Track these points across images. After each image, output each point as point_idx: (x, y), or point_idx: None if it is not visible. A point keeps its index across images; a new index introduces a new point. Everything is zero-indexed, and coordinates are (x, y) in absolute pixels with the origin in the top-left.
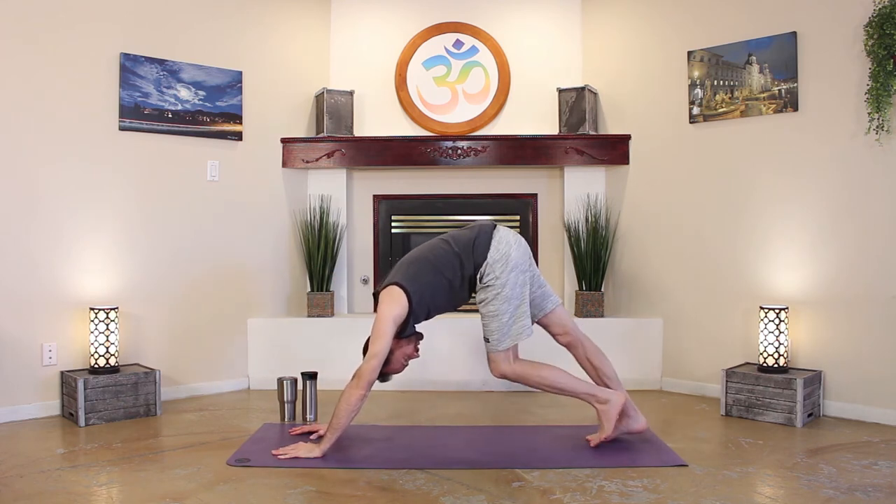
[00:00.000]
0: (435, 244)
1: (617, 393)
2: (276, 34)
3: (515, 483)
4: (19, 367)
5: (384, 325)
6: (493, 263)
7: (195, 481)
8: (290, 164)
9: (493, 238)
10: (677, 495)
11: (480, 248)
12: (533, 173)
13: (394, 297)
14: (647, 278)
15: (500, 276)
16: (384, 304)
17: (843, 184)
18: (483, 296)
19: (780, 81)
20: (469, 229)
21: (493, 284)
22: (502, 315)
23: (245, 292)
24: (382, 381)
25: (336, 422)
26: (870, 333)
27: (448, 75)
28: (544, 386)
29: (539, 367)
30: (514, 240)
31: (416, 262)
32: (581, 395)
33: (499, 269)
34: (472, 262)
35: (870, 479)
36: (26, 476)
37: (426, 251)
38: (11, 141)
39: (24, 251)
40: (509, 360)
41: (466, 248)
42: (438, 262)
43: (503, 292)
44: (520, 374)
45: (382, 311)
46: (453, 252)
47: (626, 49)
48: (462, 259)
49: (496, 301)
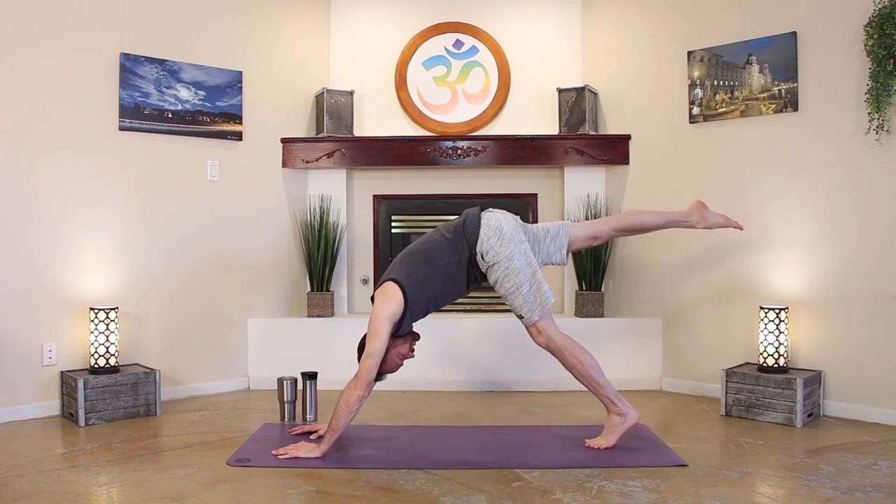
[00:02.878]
0: (426, 237)
1: (635, 411)
2: (276, 34)
3: (515, 483)
4: (19, 367)
5: (380, 323)
6: (487, 240)
7: (195, 481)
8: (290, 164)
9: (483, 218)
10: (677, 495)
11: (471, 228)
12: (533, 173)
13: (388, 294)
14: (647, 278)
15: (501, 251)
16: (379, 302)
17: (844, 184)
18: (494, 276)
19: (780, 81)
20: (458, 216)
21: (498, 261)
22: (522, 286)
23: (245, 292)
24: (377, 380)
25: (335, 423)
26: (870, 333)
27: (448, 75)
28: (578, 369)
29: (581, 351)
30: (503, 216)
31: (408, 257)
32: (604, 397)
33: (496, 244)
34: (465, 244)
35: (870, 479)
36: (26, 476)
37: (418, 245)
38: (11, 141)
39: (25, 251)
40: (550, 330)
41: (457, 233)
42: (431, 254)
43: (511, 265)
44: (561, 345)
45: (377, 310)
46: (446, 240)
47: (626, 49)
48: (455, 244)
49: (510, 276)
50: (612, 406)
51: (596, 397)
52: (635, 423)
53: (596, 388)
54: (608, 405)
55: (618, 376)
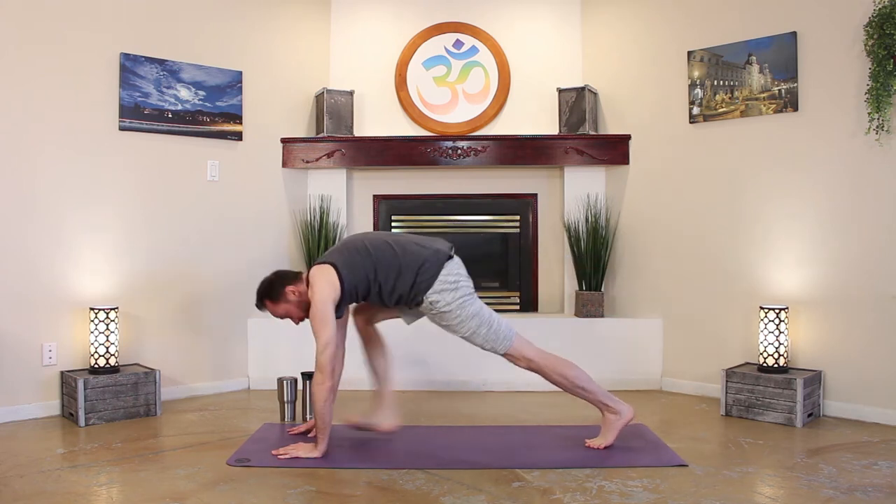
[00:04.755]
0: (381, 244)
1: (629, 407)
2: (276, 34)
3: (515, 483)
4: (19, 367)
5: (324, 309)
6: (441, 291)
7: (195, 481)
8: (290, 164)
9: (444, 268)
10: (677, 495)
11: (427, 275)
12: (533, 173)
13: (328, 278)
14: (647, 278)
15: (452, 302)
16: (318, 287)
17: (843, 184)
18: (447, 323)
19: (780, 81)
20: (420, 245)
21: (450, 309)
22: (480, 328)
23: (245, 292)
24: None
25: (321, 421)
26: (870, 333)
27: (448, 75)
28: (564, 384)
29: (563, 365)
30: (464, 271)
31: (358, 252)
32: (596, 401)
33: (448, 296)
34: (412, 282)
35: (870, 479)
36: (26, 476)
37: (371, 247)
38: (11, 141)
39: (25, 251)
40: (527, 352)
41: (410, 267)
42: (378, 265)
43: (464, 311)
44: (543, 365)
45: (319, 296)
46: (398, 263)
47: (626, 49)
48: (402, 273)
49: (464, 323)
50: (605, 407)
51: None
52: (631, 418)
53: (586, 396)
54: (601, 407)
55: (618, 376)
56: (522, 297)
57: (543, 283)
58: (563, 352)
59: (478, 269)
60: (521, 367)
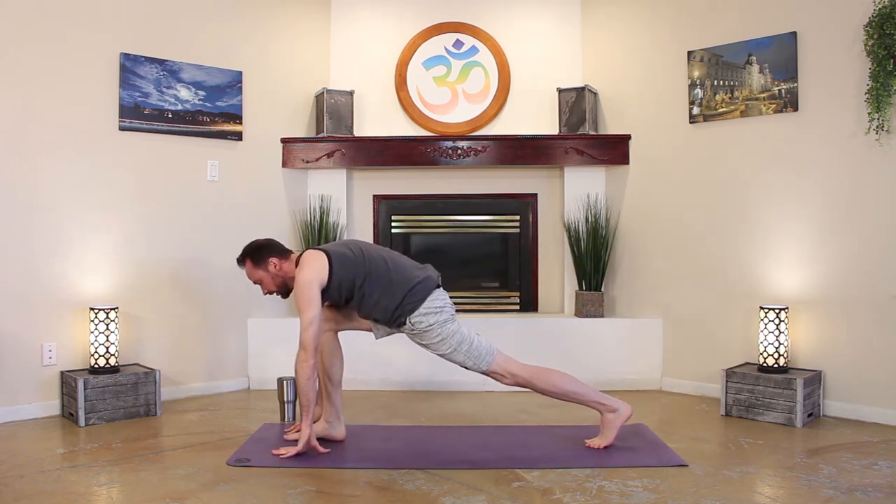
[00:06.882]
0: (377, 257)
1: (625, 404)
2: (276, 34)
3: (515, 483)
4: (19, 367)
5: (310, 288)
6: (425, 314)
7: (195, 481)
8: (290, 164)
9: (432, 294)
10: (677, 495)
11: (415, 298)
12: (533, 173)
13: (320, 263)
14: (647, 278)
15: (434, 324)
16: (308, 268)
17: (844, 184)
18: (427, 342)
19: (780, 81)
20: (415, 268)
21: (431, 330)
22: (461, 345)
23: (245, 292)
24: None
25: (304, 398)
26: (870, 333)
27: (448, 75)
28: (553, 392)
29: (548, 374)
30: (449, 300)
31: (354, 254)
32: (590, 402)
33: (432, 318)
34: (399, 302)
35: (870, 479)
36: (26, 476)
37: (367, 256)
38: (11, 141)
39: (25, 251)
40: (510, 368)
41: (400, 286)
42: (369, 275)
43: (444, 330)
44: (528, 378)
45: (307, 276)
46: (388, 278)
47: (626, 49)
48: (390, 291)
49: (445, 341)
50: (601, 406)
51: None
52: (629, 415)
53: (579, 399)
54: (598, 408)
55: (618, 376)
56: (522, 297)
57: (543, 283)
58: (564, 352)
59: (478, 269)
60: (507, 384)
